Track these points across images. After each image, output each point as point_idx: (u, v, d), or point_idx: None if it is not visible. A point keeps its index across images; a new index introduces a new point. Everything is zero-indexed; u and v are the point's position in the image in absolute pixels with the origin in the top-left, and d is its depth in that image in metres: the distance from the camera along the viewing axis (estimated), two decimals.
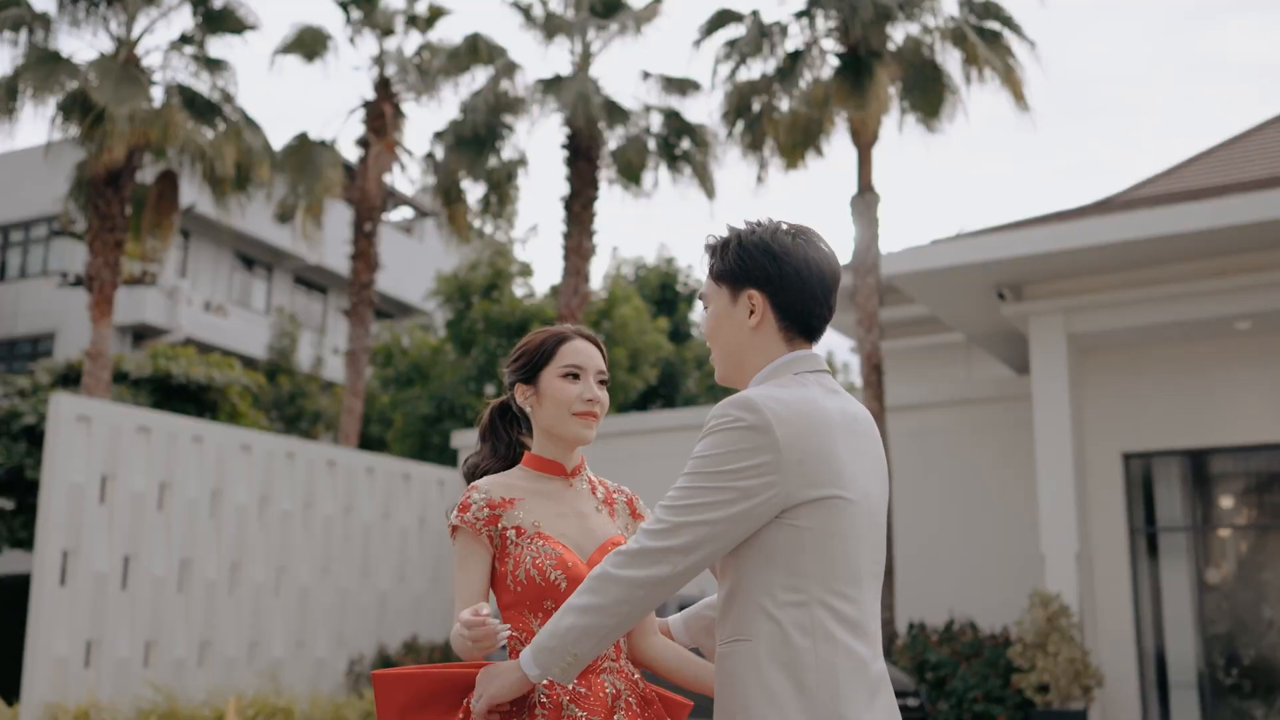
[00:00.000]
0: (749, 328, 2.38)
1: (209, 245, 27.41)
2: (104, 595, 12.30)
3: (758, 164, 15.07)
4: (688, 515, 2.20)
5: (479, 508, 2.52)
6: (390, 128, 17.73)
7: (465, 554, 2.51)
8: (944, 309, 13.59)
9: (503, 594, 2.50)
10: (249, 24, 15.51)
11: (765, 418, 2.21)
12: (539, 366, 2.64)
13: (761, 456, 2.19)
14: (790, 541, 2.23)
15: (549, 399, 2.60)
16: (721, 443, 2.22)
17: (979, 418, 14.48)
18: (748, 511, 2.19)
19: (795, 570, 2.22)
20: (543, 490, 2.60)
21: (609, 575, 2.21)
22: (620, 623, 2.22)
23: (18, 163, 26.16)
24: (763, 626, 2.21)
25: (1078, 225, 11.81)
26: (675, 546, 2.20)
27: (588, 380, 2.63)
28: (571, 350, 2.64)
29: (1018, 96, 14.32)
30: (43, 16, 14.59)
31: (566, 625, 2.21)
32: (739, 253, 2.39)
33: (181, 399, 18.99)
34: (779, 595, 2.21)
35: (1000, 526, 13.99)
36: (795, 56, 14.64)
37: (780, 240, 2.37)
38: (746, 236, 2.40)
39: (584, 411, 2.59)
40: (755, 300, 2.36)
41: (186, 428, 13.38)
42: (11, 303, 26.52)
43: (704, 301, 2.48)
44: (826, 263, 2.40)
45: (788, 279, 2.35)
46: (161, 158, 15.45)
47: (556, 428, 2.60)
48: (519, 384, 2.66)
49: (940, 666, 12.32)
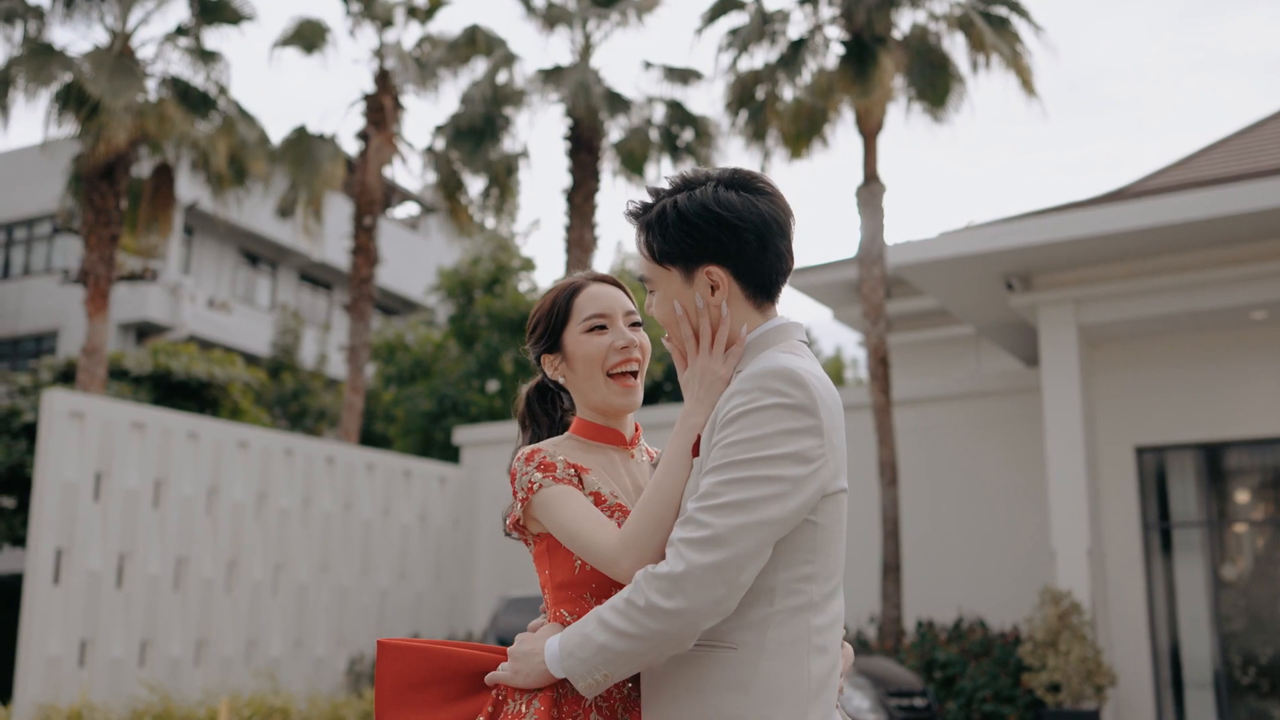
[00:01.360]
0: (714, 306, 2.08)
1: (213, 242, 27.27)
2: (98, 594, 12.11)
3: (761, 154, 14.86)
4: (737, 516, 1.85)
5: (563, 465, 2.16)
6: (390, 121, 17.53)
7: (567, 497, 2.11)
8: (951, 300, 13.36)
9: (559, 570, 2.16)
10: (245, 15, 15.33)
11: (812, 394, 1.92)
12: (559, 328, 2.30)
13: (809, 440, 1.90)
14: (805, 540, 1.95)
15: (579, 360, 2.26)
16: (765, 423, 1.89)
17: (988, 411, 14.26)
18: (800, 508, 1.89)
19: (802, 571, 1.95)
20: (604, 462, 2.25)
21: (652, 607, 1.85)
22: (663, 654, 1.91)
23: (20, 160, 26.07)
24: (750, 636, 1.92)
25: (1088, 214, 11.57)
26: (728, 560, 1.84)
27: (617, 326, 2.28)
28: (589, 298, 2.29)
29: (1025, 84, 14.06)
30: (36, 9, 14.44)
31: (600, 643, 1.90)
32: (682, 226, 2.05)
33: (182, 396, 18.81)
34: (779, 600, 1.93)
35: (1010, 522, 13.79)
36: (798, 44, 14.41)
37: (725, 199, 2.04)
38: (685, 205, 2.05)
39: (621, 362, 2.24)
40: (716, 276, 2.05)
41: (182, 424, 13.19)
42: (15, 301, 26.41)
43: (648, 286, 2.14)
44: (780, 208, 2.09)
45: (747, 245, 2.04)
46: (157, 151, 15.29)
47: (594, 395, 2.25)
48: (544, 355, 2.33)
49: (949, 665, 12.11)
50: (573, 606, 2.14)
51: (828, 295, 17.69)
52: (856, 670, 10.17)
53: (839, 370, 30.45)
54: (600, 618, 1.93)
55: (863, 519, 14.54)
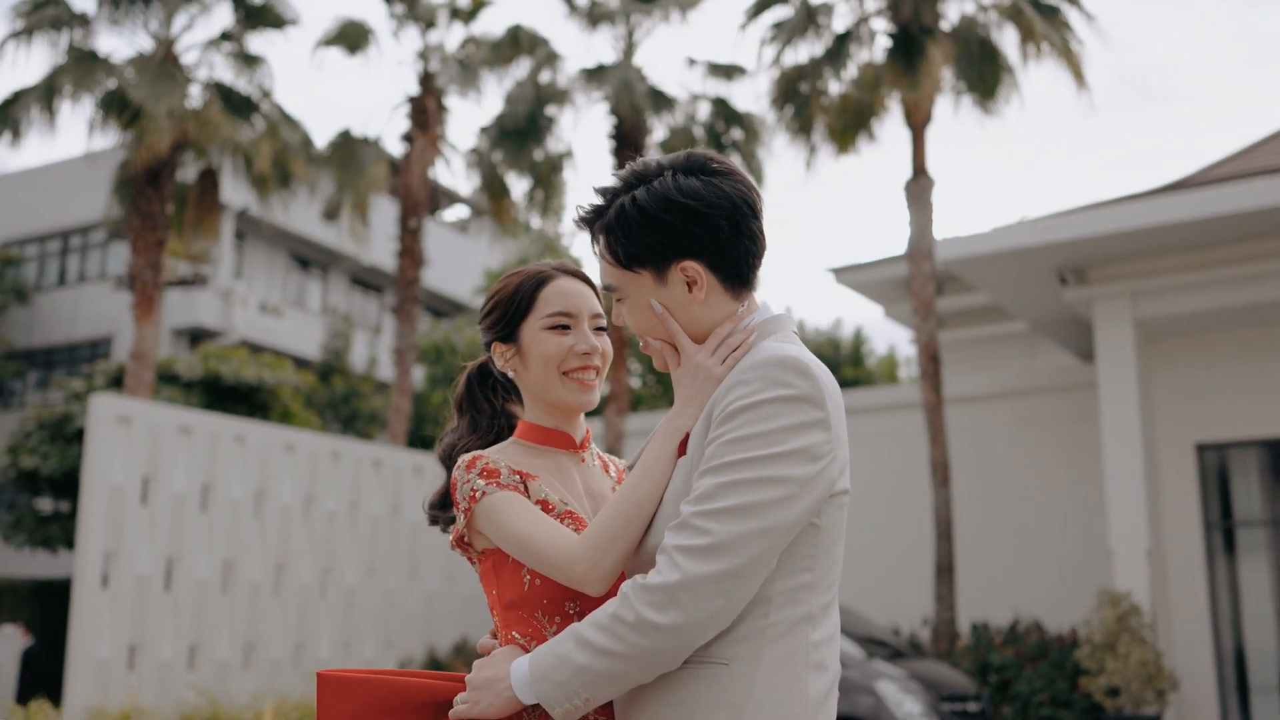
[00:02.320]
0: (693, 303, 1.90)
1: (264, 247, 27.48)
2: (146, 597, 12.16)
3: (807, 150, 14.65)
4: (740, 522, 1.69)
5: (508, 471, 1.99)
6: (434, 123, 17.50)
7: (514, 504, 1.94)
8: (1004, 296, 13.09)
9: (506, 588, 1.98)
10: (288, 19, 15.38)
11: (819, 385, 1.76)
12: (517, 318, 2.11)
13: (817, 434, 1.74)
14: (805, 545, 1.78)
15: (534, 358, 2.08)
16: (770, 417, 1.73)
17: (1042, 408, 13.99)
18: (808, 510, 1.73)
19: (800, 580, 1.78)
20: (552, 467, 2.07)
21: (643, 622, 1.69)
22: (651, 674, 1.74)
23: (73, 169, 26.43)
24: (743, 651, 1.75)
25: (1145, 204, 11.26)
26: (729, 571, 1.68)
27: (581, 328, 2.09)
28: (556, 293, 2.10)
29: (1077, 74, 13.75)
30: (81, 17, 14.56)
31: (580, 664, 1.73)
32: (647, 225, 1.87)
33: (233, 400, 18.94)
34: (775, 612, 1.76)
35: (1066, 522, 13.52)
36: (844, 37, 14.20)
37: (688, 187, 1.86)
38: (646, 200, 1.87)
39: (579, 367, 2.07)
40: (692, 271, 1.88)
41: (229, 428, 13.22)
42: (70, 308, 26.79)
43: (616, 295, 1.96)
44: (745, 186, 1.91)
45: (720, 232, 1.87)
46: (202, 156, 15.37)
47: (548, 393, 2.07)
48: (496, 343, 2.15)
49: (1004, 669, 11.85)
50: (524, 628, 1.97)
51: (879, 292, 17.43)
52: (909, 674, 9.98)
53: (892, 369, 30.07)
54: (580, 636, 1.76)
55: (915, 519, 14.31)
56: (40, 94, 14.09)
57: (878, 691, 9.55)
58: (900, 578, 14.29)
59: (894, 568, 14.39)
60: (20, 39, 14.24)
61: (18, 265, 27.09)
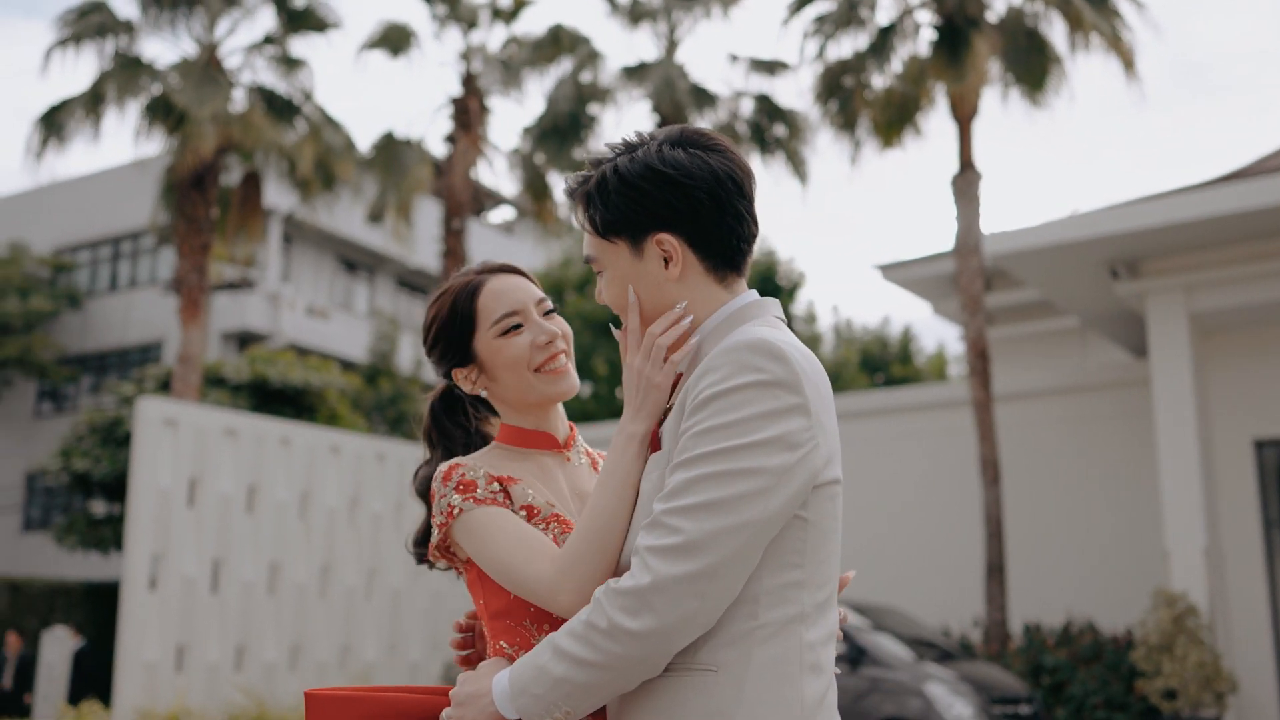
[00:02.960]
0: (669, 281, 1.82)
1: (311, 250, 27.67)
2: (193, 599, 12.22)
3: (852, 144, 14.49)
4: (713, 518, 1.60)
5: (486, 480, 1.91)
6: (476, 123, 17.50)
7: (492, 521, 1.86)
8: (1054, 290, 12.86)
9: (494, 597, 1.91)
10: (331, 22, 15.44)
11: (793, 368, 1.66)
12: (466, 337, 2.04)
13: (794, 421, 1.64)
14: (793, 540, 1.68)
15: (500, 368, 2.01)
16: (741, 404, 1.63)
17: (1095, 405, 13.74)
18: (788, 502, 1.63)
19: (789, 577, 1.68)
20: (536, 469, 2.00)
21: (616, 628, 1.61)
22: (632, 681, 1.66)
23: (123, 176, 26.73)
24: (732, 655, 1.65)
25: (1200, 195, 11.00)
26: (702, 571, 1.59)
27: (532, 320, 2.03)
28: (494, 296, 2.03)
29: (1128, 64, 13.49)
30: (126, 24, 14.69)
31: (558, 675, 1.65)
32: (624, 191, 1.80)
33: (280, 403, 19.04)
34: (764, 612, 1.66)
35: (1120, 521, 13.26)
36: (888, 30, 14.03)
37: (671, 158, 1.79)
38: (626, 167, 1.81)
39: (548, 360, 2.00)
40: (668, 245, 1.80)
41: (274, 430, 13.27)
42: (122, 313, 27.11)
43: (594, 265, 1.89)
44: (735, 164, 1.82)
45: (700, 206, 1.78)
46: (246, 160, 15.46)
47: (527, 395, 2.01)
48: (454, 370, 2.07)
49: (1057, 670, 11.63)
50: (512, 637, 1.89)
51: (926, 289, 17.20)
52: (959, 676, 9.82)
53: (941, 367, 29.74)
54: (556, 646, 1.67)
55: (964, 518, 14.10)
56: (86, 101, 14.24)
57: (927, 694, 9.41)
58: (950, 578, 14.09)
59: (943, 568, 14.18)
60: (67, 46, 14.41)
61: (70, 272, 27.47)
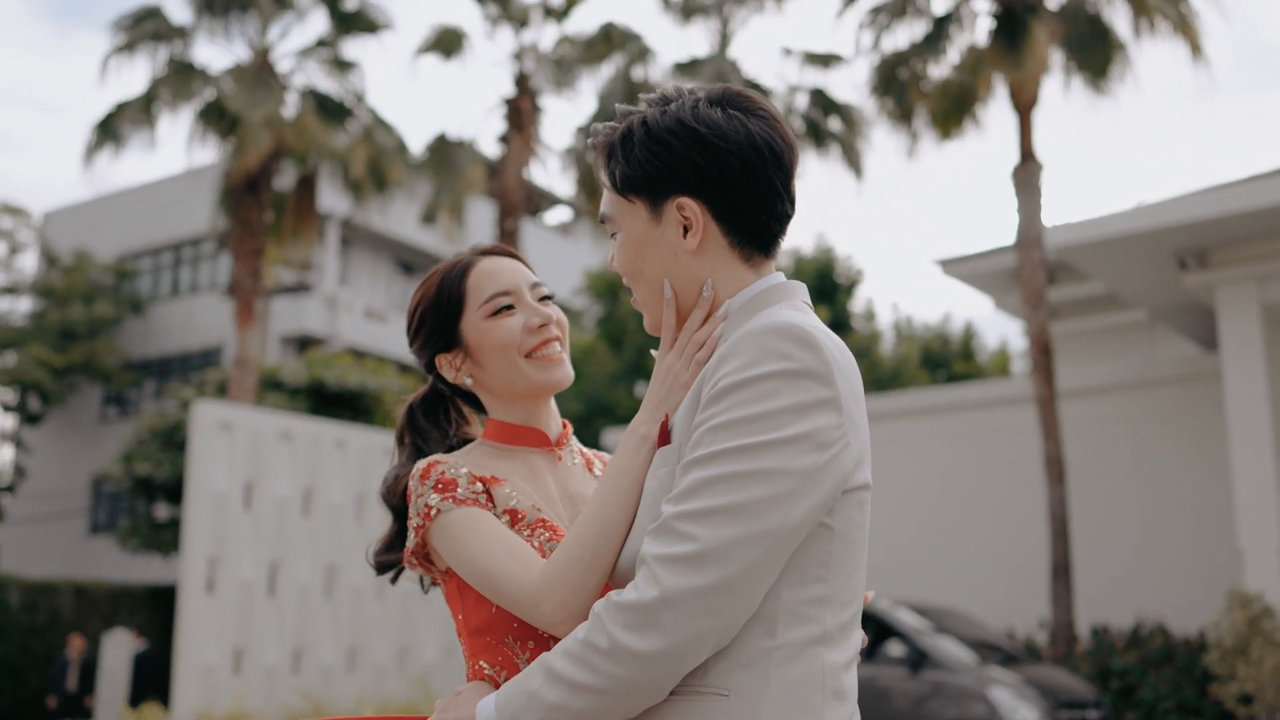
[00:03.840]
0: (687, 252, 1.63)
1: (368, 253, 27.83)
2: (251, 602, 12.26)
3: (909, 137, 14.22)
4: (731, 525, 1.41)
5: (467, 480, 1.75)
6: (529, 123, 17.45)
7: (471, 524, 1.70)
8: (1120, 283, 12.53)
9: (473, 612, 1.75)
10: (382, 23, 15.48)
11: (825, 358, 1.48)
12: (452, 318, 1.89)
13: (825, 416, 1.45)
14: (817, 550, 1.49)
15: (487, 352, 1.86)
16: (766, 396, 1.44)
17: (1163, 401, 13.37)
18: (816, 508, 1.45)
19: (812, 592, 1.49)
20: (523, 469, 1.83)
21: (618, 648, 1.42)
22: (634, 708, 1.47)
23: (184, 184, 27.04)
24: (746, 679, 1.47)
25: (1271, 183, 10.63)
26: (718, 584, 1.41)
27: (525, 302, 1.88)
28: (485, 276, 1.89)
29: (1194, 49, 13.11)
30: (180, 30, 14.81)
31: (551, 702, 1.47)
32: (650, 146, 1.62)
33: (337, 406, 19.13)
34: (783, 630, 1.47)
35: (1190, 519, 12.89)
36: (944, 20, 13.78)
37: (706, 116, 1.61)
38: (656, 120, 1.63)
39: (540, 344, 1.85)
40: (689, 211, 1.61)
41: (329, 432, 13.29)
42: (184, 318, 27.45)
43: (610, 225, 1.71)
44: (778, 134, 1.63)
45: (729, 171, 1.59)
46: (300, 163, 15.53)
47: (516, 383, 1.85)
48: (439, 355, 1.92)
49: (1126, 674, 11.31)
50: (493, 656, 1.74)
51: (988, 283, 16.86)
52: (1025, 679, 9.57)
53: (1004, 364, 29.24)
54: (549, 668, 1.49)
55: (1028, 518, 13.78)
56: (141, 106, 14.39)
57: (991, 698, 9.19)
58: (1013, 579, 13.78)
59: (1007, 569, 13.88)
60: (122, 53, 14.55)
61: (133, 278, 27.89)
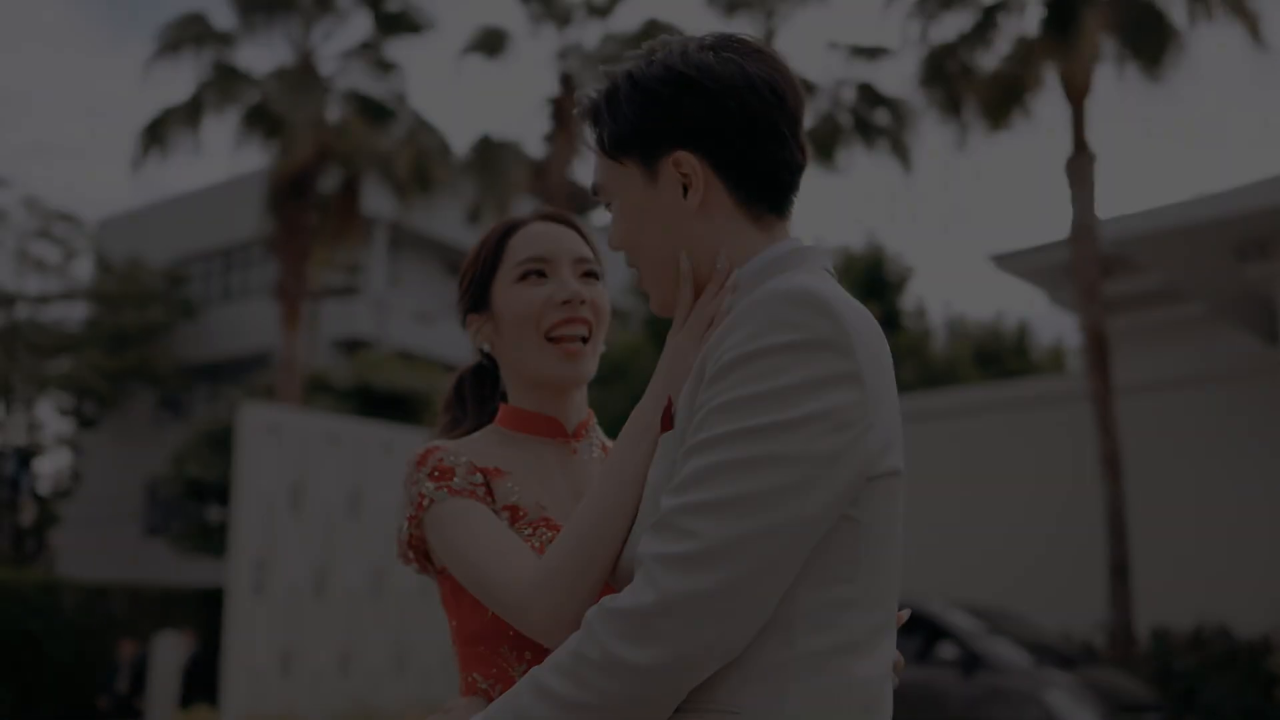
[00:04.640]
0: (689, 212, 1.44)
1: (416, 256, 27.93)
2: (299, 605, 12.27)
3: (958, 129, 13.99)
4: (738, 519, 1.23)
5: (466, 470, 1.59)
6: (574, 122, 17.40)
7: (465, 516, 1.55)
8: (1178, 275, 12.26)
9: (468, 618, 1.60)
10: (424, 24, 15.48)
11: (843, 327, 1.28)
12: (487, 277, 1.71)
13: (845, 392, 1.26)
14: (841, 546, 1.30)
15: (508, 323, 1.68)
16: (775, 371, 1.26)
17: (1224, 396, 13.05)
18: (836, 499, 1.26)
19: (836, 594, 1.29)
20: (531, 461, 1.66)
21: (612, 660, 1.25)
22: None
23: (235, 189, 27.27)
24: (759, 694, 1.27)
25: None
26: (725, 586, 1.23)
27: (560, 274, 1.68)
28: (527, 238, 1.70)
29: (1253, 33, 12.75)
30: (224, 35, 14.90)
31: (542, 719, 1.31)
32: (636, 98, 1.44)
33: (385, 408, 19.19)
34: (801, 639, 1.28)
35: (1254, 518, 12.57)
36: (993, 9, 13.53)
37: (697, 60, 1.42)
38: (642, 71, 1.44)
39: (562, 322, 1.66)
40: (687, 166, 1.43)
41: (376, 435, 13.30)
42: (235, 322, 27.72)
43: (603, 196, 1.52)
44: (779, 74, 1.44)
45: (727, 117, 1.41)
46: (344, 166, 15.59)
47: (526, 363, 1.67)
48: (470, 315, 1.75)
49: (1188, 677, 11.05)
50: (487, 668, 1.58)
51: (1041, 278, 16.57)
52: (1082, 682, 9.34)
53: (1059, 360, 28.75)
54: (538, 683, 1.31)
55: (1085, 517, 13.49)
56: (186, 111, 14.48)
57: (1047, 701, 8.99)
58: (1070, 579, 13.50)
59: (1063, 569, 13.60)
60: (166, 58, 14.66)
61: (185, 283, 28.21)
